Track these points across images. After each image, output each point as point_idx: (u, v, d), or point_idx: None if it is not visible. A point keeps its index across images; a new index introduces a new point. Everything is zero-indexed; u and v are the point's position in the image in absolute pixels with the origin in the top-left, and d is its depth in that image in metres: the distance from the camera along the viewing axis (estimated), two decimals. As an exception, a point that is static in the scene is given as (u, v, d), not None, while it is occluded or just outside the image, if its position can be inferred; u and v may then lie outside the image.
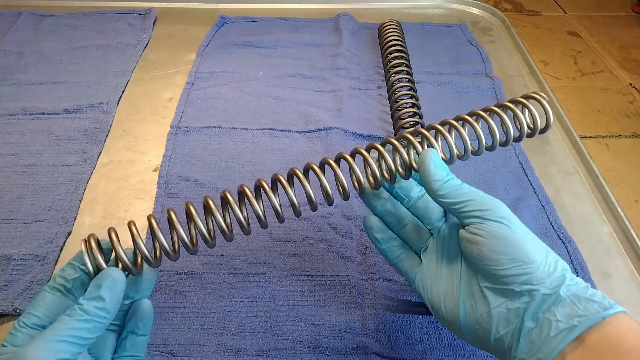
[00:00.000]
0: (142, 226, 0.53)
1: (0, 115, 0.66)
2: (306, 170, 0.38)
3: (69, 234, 0.52)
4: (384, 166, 0.38)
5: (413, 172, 0.37)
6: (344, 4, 0.93)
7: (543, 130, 0.39)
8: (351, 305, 0.46)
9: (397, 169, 0.38)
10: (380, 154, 0.37)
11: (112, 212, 0.55)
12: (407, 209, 0.40)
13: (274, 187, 0.38)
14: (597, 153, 1.66)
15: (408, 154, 0.37)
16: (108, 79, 0.73)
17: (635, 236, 0.52)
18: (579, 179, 0.60)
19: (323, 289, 0.47)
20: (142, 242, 0.34)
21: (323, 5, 0.93)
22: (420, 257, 0.40)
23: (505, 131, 0.39)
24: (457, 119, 0.39)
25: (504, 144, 0.39)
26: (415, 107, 0.61)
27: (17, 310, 0.44)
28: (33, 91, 0.70)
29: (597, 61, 2.11)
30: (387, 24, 0.78)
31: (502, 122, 0.38)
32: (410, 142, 0.37)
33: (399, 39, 0.74)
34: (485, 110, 0.39)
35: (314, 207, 0.38)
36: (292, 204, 0.37)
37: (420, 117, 0.60)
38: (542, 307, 0.31)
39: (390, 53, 0.71)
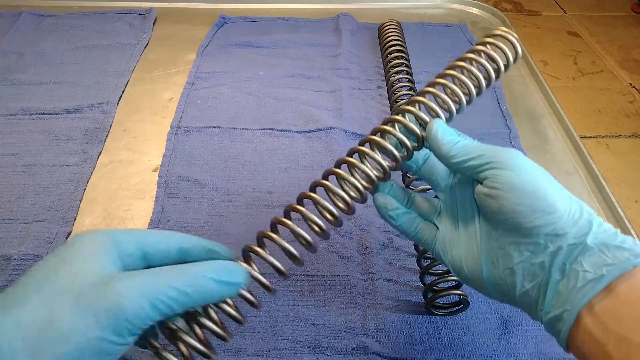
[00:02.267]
0: (142, 225, 0.53)
1: (0, 115, 0.66)
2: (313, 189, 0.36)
3: (69, 234, 0.52)
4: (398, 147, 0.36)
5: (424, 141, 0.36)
6: (344, 4, 0.93)
7: (515, 61, 0.38)
8: (351, 305, 0.46)
9: (411, 146, 0.36)
10: (392, 134, 0.36)
11: (112, 212, 0.55)
12: (415, 174, 0.39)
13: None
14: (597, 153, 1.66)
15: (416, 125, 0.36)
16: (108, 79, 0.73)
17: (635, 236, 0.52)
18: (579, 179, 0.60)
19: (323, 289, 0.47)
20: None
21: (323, 5, 0.93)
22: (435, 224, 0.38)
23: (487, 74, 0.38)
24: (442, 75, 0.39)
25: (488, 85, 0.39)
26: None
27: (17, 310, 0.44)
28: (33, 91, 0.70)
29: (597, 61, 2.11)
30: (387, 24, 0.78)
31: (481, 65, 0.38)
32: (414, 114, 0.36)
33: (399, 39, 0.74)
34: (462, 59, 0.38)
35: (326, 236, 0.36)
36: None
37: None
38: (569, 258, 0.29)
39: (390, 53, 0.71)
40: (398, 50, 0.71)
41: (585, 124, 1.79)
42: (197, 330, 0.30)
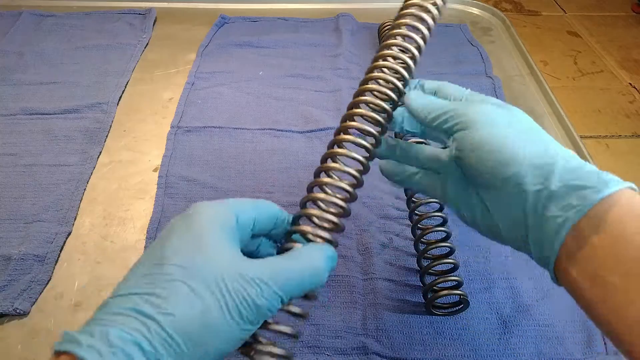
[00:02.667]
0: (142, 225, 0.53)
1: (0, 115, 0.66)
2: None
3: (69, 234, 0.52)
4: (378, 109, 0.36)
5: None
6: (344, 4, 0.93)
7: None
8: (351, 305, 0.46)
9: (390, 108, 0.36)
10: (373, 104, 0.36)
11: (112, 212, 0.55)
12: (422, 135, 0.40)
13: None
14: (597, 153, 1.66)
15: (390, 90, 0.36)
16: (108, 79, 0.73)
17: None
18: (579, 179, 0.60)
19: (323, 289, 0.47)
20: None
21: (323, 5, 0.93)
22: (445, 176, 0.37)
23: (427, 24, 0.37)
24: (392, 36, 0.37)
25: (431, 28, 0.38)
26: None
27: (17, 311, 0.44)
28: (33, 91, 0.70)
29: (597, 61, 2.11)
30: (387, 23, 0.78)
31: (419, 18, 0.37)
32: (387, 81, 0.36)
33: None
34: (401, 17, 0.38)
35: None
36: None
37: None
38: (538, 205, 0.30)
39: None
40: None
41: (585, 124, 1.78)
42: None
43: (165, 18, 0.89)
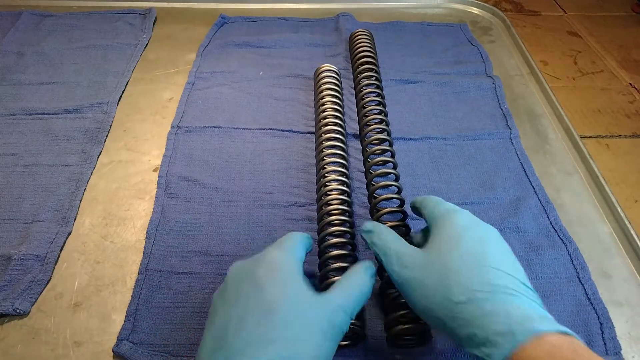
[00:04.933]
0: (142, 225, 0.53)
1: (0, 115, 0.66)
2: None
3: (69, 234, 0.52)
4: None
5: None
6: (344, 4, 0.93)
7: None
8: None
9: None
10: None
11: (112, 212, 0.55)
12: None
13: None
14: (597, 153, 1.66)
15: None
16: (108, 79, 0.73)
17: (635, 236, 0.52)
18: (579, 179, 0.60)
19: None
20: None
21: (323, 5, 0.93)
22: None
23: None
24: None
25: None
26: (383, 114, 0.60)
27: (17, 311, 0.44)
28: (33, 91, 0.70)
29: (597, 61, 2.11)
30: (358, 32, 0.76)
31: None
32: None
33: (369, 48, 0.71)
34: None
35: None
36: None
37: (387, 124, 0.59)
38: (473, 342, 0.31)
39: (359, 59, 0.69)
40: (366, 56, 0.68)
41: (585, 124, 1.78)
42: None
43: (165, 18, 0.89)
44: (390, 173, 0.54)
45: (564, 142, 0.65)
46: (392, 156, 0.56)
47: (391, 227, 0.45)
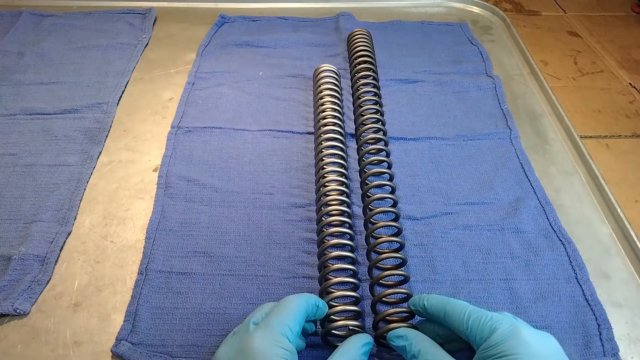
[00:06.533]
0: (142, 225, 0.53)
1: (0, 115, 0.66)
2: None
3: (69, 234, 0.52)
4: None
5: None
6: (344, 4, 0.93)
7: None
8: (351, 306, 0.46)
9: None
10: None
11: (112, 212, 0.55)
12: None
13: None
14: (597, 153, 1.65)
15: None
16: (108, 79, 0.73)
17: (634, 237, 0.52)
18: (579, 179, 0.60)
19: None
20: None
21: (323, 5, 0.93)
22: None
23: None
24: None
25: None
26: (379, 114, 0.60)
27: (17, 311, 0.44)
28: (33, 91, 0.70)
29: (597, 61, 2.11)
30: (356, 32, 0.76)
31: None
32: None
33: (367, 46, 0.72)
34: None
35: None
36: None
37: (383, 123, 0.60)
38: None
39: (356, 59, 0.70)
40: (364, 55, 0.69)
41: (585, 124, 1.78)
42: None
43: (165, 18, 0.89)
44: (384, 173, 0.54)
45: (564, 142, 0.65)
46: (387, 156, 0.55)
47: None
